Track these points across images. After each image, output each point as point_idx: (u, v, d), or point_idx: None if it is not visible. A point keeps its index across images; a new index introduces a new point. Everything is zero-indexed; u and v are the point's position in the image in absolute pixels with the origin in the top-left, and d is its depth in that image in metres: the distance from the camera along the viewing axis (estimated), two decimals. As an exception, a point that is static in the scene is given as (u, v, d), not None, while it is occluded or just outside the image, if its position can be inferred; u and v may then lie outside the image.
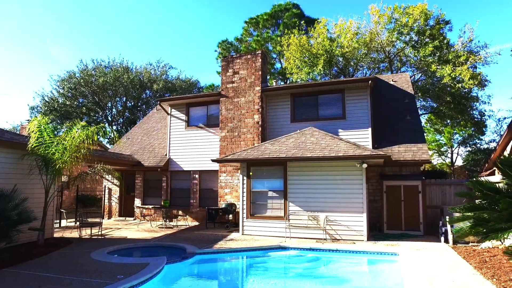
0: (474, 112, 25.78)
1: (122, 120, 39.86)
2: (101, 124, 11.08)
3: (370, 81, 13.21)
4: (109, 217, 18.34)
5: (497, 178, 9.43)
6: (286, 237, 11.15)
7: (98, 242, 10.51)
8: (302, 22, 25.34)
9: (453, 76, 19.01)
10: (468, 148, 38.18)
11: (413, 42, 21.20)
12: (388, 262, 8.61)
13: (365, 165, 10.50)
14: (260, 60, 14.98)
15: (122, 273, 6.84)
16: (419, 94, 23.69)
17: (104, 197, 18.68)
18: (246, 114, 14.89)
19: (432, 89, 22.62)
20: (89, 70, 36.19)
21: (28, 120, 27.61)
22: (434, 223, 12.36)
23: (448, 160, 41.89)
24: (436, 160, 42.95)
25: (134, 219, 17.28)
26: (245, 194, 12.22)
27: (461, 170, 37.20)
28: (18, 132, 28.90)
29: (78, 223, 11.63)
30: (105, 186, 18.78)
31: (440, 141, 42.08)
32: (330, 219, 11.04)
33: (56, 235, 12.03)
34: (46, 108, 35.49)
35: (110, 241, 10.78)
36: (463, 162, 39.24)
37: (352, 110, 13.88)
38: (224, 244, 10.12)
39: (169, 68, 38.10)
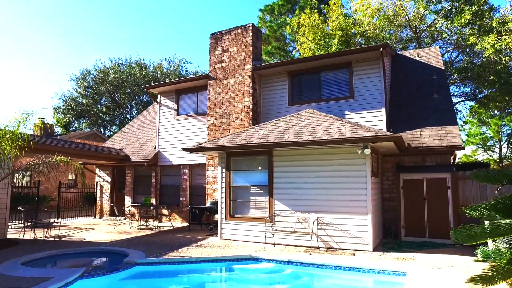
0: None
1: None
2: (39, 109, 9.32)
3: (381, 49, 10.51)
4: (101, 216, 16.92)
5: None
6: (267, 243, 8.82)
7: (45, 245, 8.80)
8: (315, 1, 22.54)
9: (498, 47, 15.46)
10: (522, 142, 33.20)
11: (445, 11, 17.78)
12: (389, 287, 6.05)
13: (367, 151, 7.93)
14: (251, 34, 12.72)
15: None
16: (455, 75, 20.14)
17: (96, 195, 17.31)
18: (235, 98, 12.71)
19: (471, 68, 19.01)
20: (106, 69, 35.74)
21: (42, 118, 27.24)
22: (470, 228, 9.45)
23: (496, 156, 36.98)
24: (481, 156, 38.18)
25: (124, 219, 15.62)
26: (224, 190, 10.05)
27: (512, 167, 32.37)
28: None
29: (30, 223, 10.06)
30: (97, 183, 17.41)
31: (486, 134, 37.30)
32: (325, 222, 8.56)
33: (13, 236, 10.61)
34: (64, 107, 35.52)
35: (60, 244, 9.05)
36: (515, 158, 34.23)
37: (361, 88, 11.25)
38: (186, 252, 8.00)
39: (184, 63, 36.85)
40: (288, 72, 12.45)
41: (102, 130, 40.02)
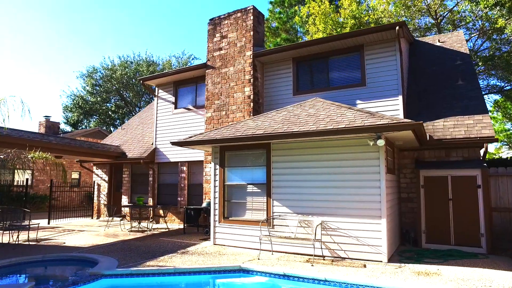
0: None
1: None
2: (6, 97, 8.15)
3: (397, 28, 9.15)
4: (98, 217, 16.09)
5: None
6: (264, 250, 7.63)
7: (15, 251, 7.89)
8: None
9: (530, 30, 13.78)
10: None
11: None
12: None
13: (381, 142, 6.64)
14: (251, 17, 11.54)
15: None
16: (480, 64, 18.39)
17: (93, 194, 16.49)
18: (235, 88, 11.56)
19: (498, 56, 17.25)
20: (114, 66, 35.23)
21: (46, 116, 26.79)
22: (506, 235, 8.03)
23: (522, 154, 34.61)
24: (506, 154, 35.91)
25: (121, 220, 14.67)
26: (217, 189, 8.92)
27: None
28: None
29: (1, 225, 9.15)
30: (94, 181, 16.59)
31: (512, 131, 34.99)
32: (331, 226, 7.31)
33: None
34: (72, 105, 35.21)
35: (32, 249, 8.10)
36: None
37: (375, 74, 9.92)
38: (167, 260, 6.89)
39: (193, 59, 36.00)
40: (293, 58, 11.23)
41: (112, 129, 39.62)
